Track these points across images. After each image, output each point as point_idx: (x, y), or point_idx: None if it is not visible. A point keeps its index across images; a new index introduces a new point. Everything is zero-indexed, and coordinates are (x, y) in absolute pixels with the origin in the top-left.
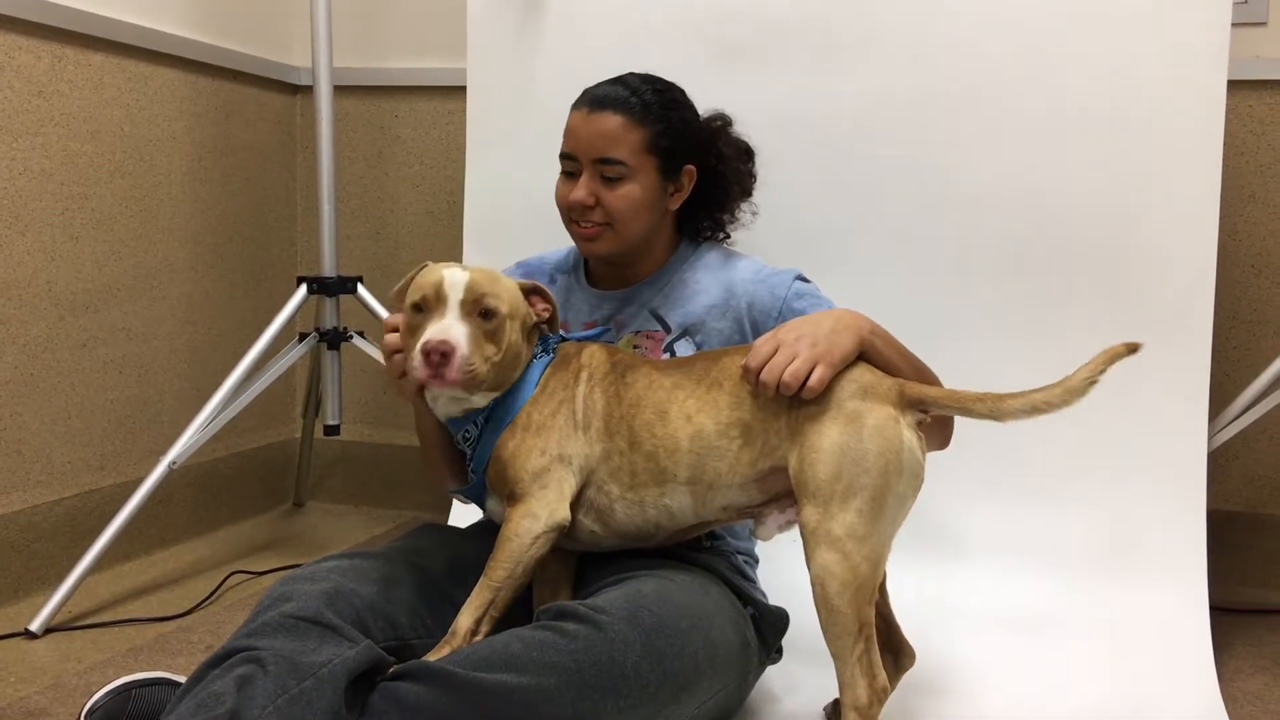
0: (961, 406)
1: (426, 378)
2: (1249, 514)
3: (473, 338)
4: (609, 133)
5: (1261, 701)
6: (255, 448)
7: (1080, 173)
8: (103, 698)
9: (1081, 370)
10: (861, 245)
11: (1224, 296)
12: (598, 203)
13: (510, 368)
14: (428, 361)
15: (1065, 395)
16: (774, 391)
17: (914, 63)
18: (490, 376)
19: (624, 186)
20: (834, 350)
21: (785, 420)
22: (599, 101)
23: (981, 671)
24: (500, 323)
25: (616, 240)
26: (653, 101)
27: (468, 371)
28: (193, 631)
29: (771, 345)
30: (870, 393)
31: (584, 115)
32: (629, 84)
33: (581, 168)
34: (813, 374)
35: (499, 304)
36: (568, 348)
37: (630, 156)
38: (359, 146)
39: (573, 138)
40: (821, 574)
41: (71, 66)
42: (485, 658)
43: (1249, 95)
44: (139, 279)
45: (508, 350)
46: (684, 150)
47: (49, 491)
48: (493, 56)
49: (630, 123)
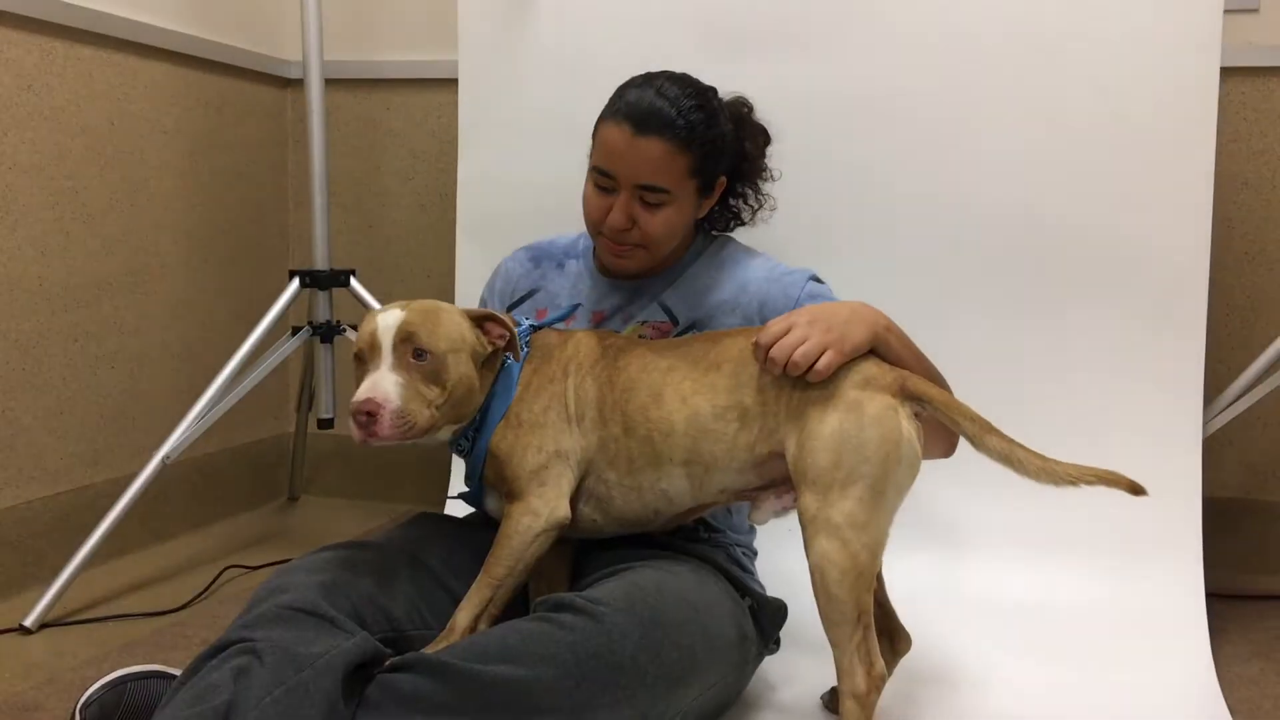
0: (951, 416)
1: (361, 439)
2: (1244, 500)
3: (407, 385)
4: (655, 160)
5: (1257, 686)
6: (249, 442)
7: (1074, 160)
8: (97, 691)
9: (1073, 467)
10: (855, 236)
11: (1218, 283)
12: (634, 225)
13: (464, 402)
14: (357, 423)
15: (1041, 472)
16: (780, 370)
17: (910, 57)
18: (440, 416)
19: (664, 211)
20: (846, 339)
21: (784, 405)
22: (644, 123)
23: (978, 657)
24: (439, 361)
25: (648, 259)
26: (697, 122)
27: (403, 424)
28: (188, 626)
29: (785, 325)
30: (871, 383)
31: (628, 137)
32: (669, 97)
33: (619, 186)
34: (821, 358)
35: (434, 342)
36: (548, 339)
37: (674, 184)
38: (351, 140)
39: (614, 158)
40: (820, 562)
41: (60, 60)
42: (483, 649)
43: (1242, 82)
44: (131, 273)
45: (456, 387)
46: (721, 166)
47: (42, 487)
48: (484, 49)
49: (676, 149)
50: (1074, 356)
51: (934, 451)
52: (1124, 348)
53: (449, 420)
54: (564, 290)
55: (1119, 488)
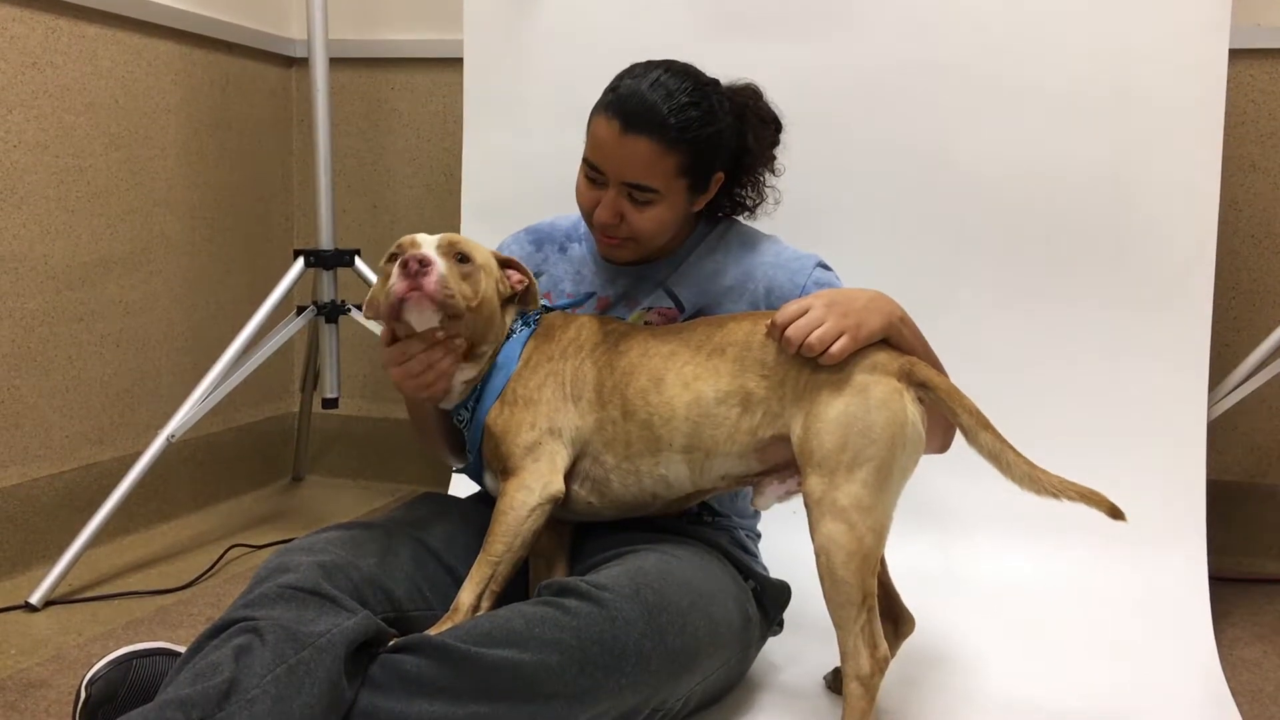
0: (950, 406)
1: (405, 290)
2: (1248, 484)
3: (450, 269)
4: (641, 159)
5: (1260, 669)
6: (254, 421)
7: (1081, 143)
8: (103, 668)
9: (1059, 480)
10: (859, 218)
11: (1224, 266)
12: (622, 220)
13: (485, 326)
14: (405, 272)
15: (1027, 478)
16: (794, 350)
17: (913, 36)
18: (468, 323)
19: (652, 210)
20: (862, 326)
21: (790, 389)
22: (632, 121)
23: (982, 641)
24: (475, 270)
25: (640, 251)
26: (690, 120)
27: (446, 291)
28: (192, 604)
29: (803, 306)
30: (879, 367)
31: (616, 134)
32: (664, 92)
33: (608, 180)
34: (836, 343)
35: (474, 253)
36: (553, 319)
37: (662, 183)
38: (355, 119)
39: (601, 153)
40: (826, 544)
41: (66, 38)
42: (487, 633)
43: (1250, 64)
44: (135, 252)
45: (484, 302)
46: (716, 163)
47: (48, 465)
48: (489, 28)
49: (664, 149)
50: (1080, 339)
51: (930, 444)
52: (1130, 330)
53: (470, 335)
54: (567, 275)
55: (1099, 509)
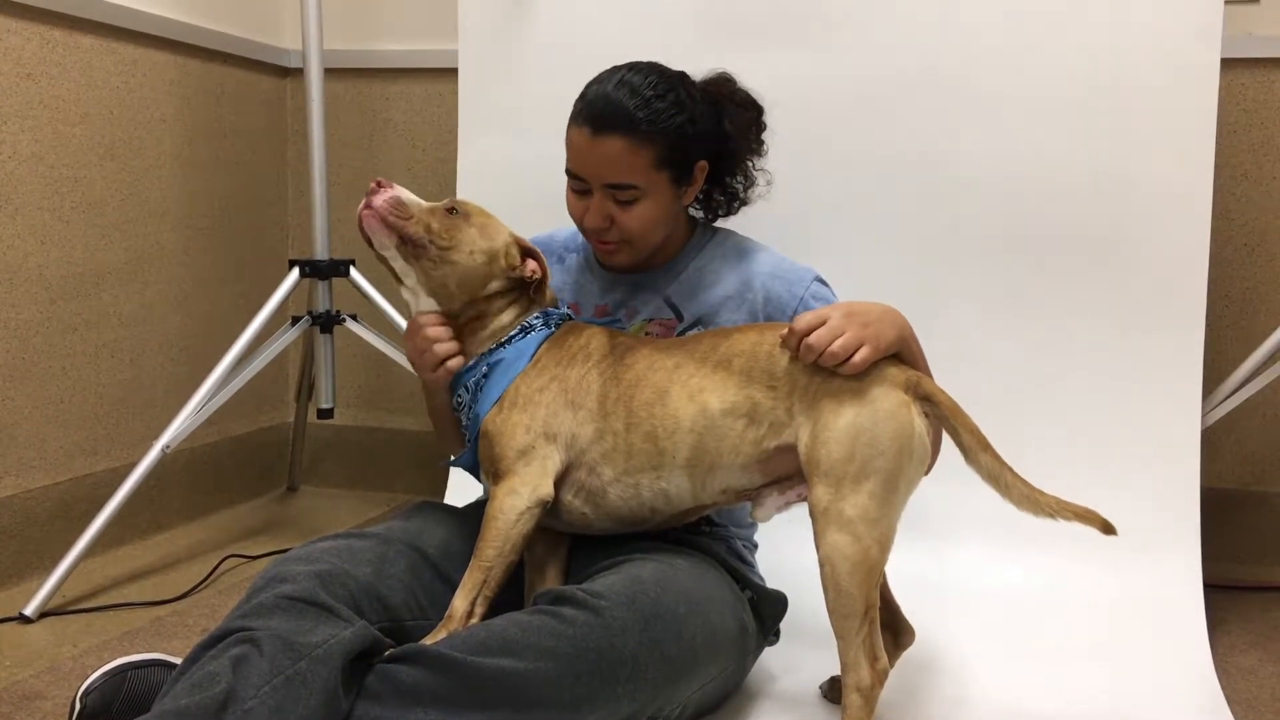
0: (950, 424)
1: (361, 208)
2: (1242, 491)
3: (426, 207)
4: (616, 158)
5: (1255, 677)
6: (249, 432)
7: (1074, 151)
8: (98, 680)
9: (1056, 500)
10: (852, 224)
11: (1217, 275)
12: (612, 223)
13: (462, 280)
14: (368, 192)
15: (1025, 499)
16: (814, 358)
17: (907, 41)
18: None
19: (638, 207)
20: (881, 337)
21: (797, 399)
22: (601, 122)
23: (978, 649)
24: (461, 221)
25: (635, 253)
26: (659, 111)
27: (399, 210)
28: (188, 615)
29: (820, 316)
30: (887, 379)
31: (587, 138)
32: (628, 87)
33: (590, 186)
34: (858, 352)
35: (468, 210)
36: (571, 326)
37: (641, 178)
38: (350, 129)
39: (578, 161)
40: (832, 555)
41: (60, 49)
42: (483, 642)
43: (1242, 73)
44: (130, 263)
45: (460, 262)
46: (695, 152)
47: (42, 476)
48: (484, 38)
49: (636, 144)
50: (1073, 347)
51: None
52: (1123, 339)
53: (427, 283)
54: (566, 285)
55: (1093, 526)
